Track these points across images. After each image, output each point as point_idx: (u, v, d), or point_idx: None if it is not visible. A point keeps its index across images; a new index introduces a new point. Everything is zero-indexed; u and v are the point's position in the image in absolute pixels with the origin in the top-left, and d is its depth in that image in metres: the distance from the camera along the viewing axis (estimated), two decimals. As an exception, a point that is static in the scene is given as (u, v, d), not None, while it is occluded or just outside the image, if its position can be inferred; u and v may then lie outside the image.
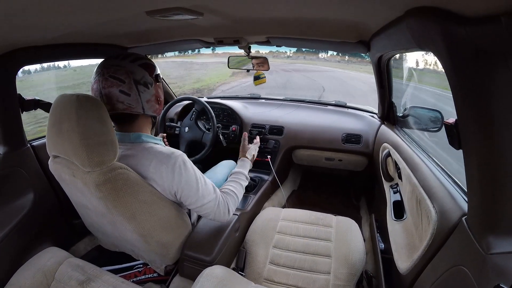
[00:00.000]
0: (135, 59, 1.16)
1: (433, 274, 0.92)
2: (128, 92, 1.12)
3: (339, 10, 1.05)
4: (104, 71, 1.12)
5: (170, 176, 1.13)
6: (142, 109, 1.17)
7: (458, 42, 0.65)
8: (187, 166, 1.17)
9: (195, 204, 1.22)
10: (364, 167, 2.28)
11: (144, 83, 1.15)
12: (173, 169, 1.12)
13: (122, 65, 1.12)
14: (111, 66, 1.12)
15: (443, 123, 1.03)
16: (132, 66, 1.13)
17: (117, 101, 1.12)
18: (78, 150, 0.95)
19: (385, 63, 1.63)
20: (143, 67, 1.16)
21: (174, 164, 1.12)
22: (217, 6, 1.03)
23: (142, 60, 1.18)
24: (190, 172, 1.18)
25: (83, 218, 1.39)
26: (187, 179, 1.16)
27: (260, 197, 2.02)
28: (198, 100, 2.22)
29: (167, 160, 1.12)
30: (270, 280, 1.42)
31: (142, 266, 1.42)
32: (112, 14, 1.00)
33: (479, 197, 0.75)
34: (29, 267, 1.18)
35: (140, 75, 1.14)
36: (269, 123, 2.41)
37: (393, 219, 1.36)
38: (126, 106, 1.14)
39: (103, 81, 1.11)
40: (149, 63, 1.20)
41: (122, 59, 1.14)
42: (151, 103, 1.20)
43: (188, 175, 1.16)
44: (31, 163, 1.51)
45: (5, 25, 0.89)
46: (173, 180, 1.14)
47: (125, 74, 1.11)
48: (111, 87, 1.11)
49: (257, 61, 2.10)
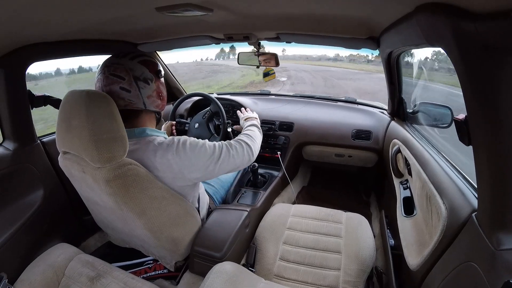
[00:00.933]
0: (134, 56, 1.19)
1: (443, 270, 0.91)
2: (128, 89, 1.15)
3: (349, 6, 1.05)
4: (105, 69, 1.15)
5: (178, 160, 1.14)
6: (144, 104, 1.19)
7: (468, 38, 0.65)
8: (190, 143, 1.19)
9: (214, 169, 1.24)
10: (374, 163, 2.27)
11: (144, 79, 1.18)
12: (178, 152, 1.14)
13: (121, 63, 1.15)
14: (111, 65, 1.15)
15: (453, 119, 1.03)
16: (131, 63, 1.16)
17: (118, 97, 1.14)
18: (88, 146, 0.96)
19: (394, 60, 1.61)
20: (142, 63, 1.18)
21: (177, 147, 1.14)
22: (226, 2, 1.03)
23: (141, 57, 1.20)
24: (193, 145, 1.19)
25: (93, 214, 1.41)
26: (196, 155, 1.18)
27: (270, 193, 2.02)
28: (208, 96, 2.21)
29: (171, 146, 1.14)
30: (280, 276, 1.43)
31: (152, 262, 1.44)
32: (122, 10, 1.01)
33: (489, 193, 0.74)
34: (39, 263, 1.20)
35: (139, 72, 1.17)
36: (279, 119, 2.41)
37: (403, 215, 1.36)
38: (127, 102, 1.16)
39: (104, 79, 1.14)
40: (148, 60, 1.22)
41: (121, 57, 1.17)
42: (152, 99, 1.22)
43: (194, 151, 1.18)
44: (41, 159, 1.52)
45: (14, 21, 0.90)
46: (183, 162, 1.15)
47: (125, 71, 1.14)
48: (112, 85, 1.13)
49: (265, 57, 2.09)
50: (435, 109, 1.49)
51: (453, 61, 0.73)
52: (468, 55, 0.67)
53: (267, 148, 2.40)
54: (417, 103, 1.71)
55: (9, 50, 1.25)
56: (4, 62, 1.27)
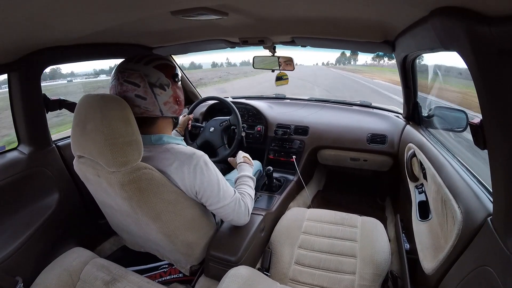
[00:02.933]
0: (149, 60, 1.14)
1: (458, 274, 0.91)
2: (144, 96, 1.12)
3: (364, 10, 1.05)
4: (119, 75, 1.11)
5: (192, 177, 1.13)
6: (160, 111, 1.17)
7: (483, 42, 0.65)
8: (209, 166, 1.18)
9: (216, 205, 1.23)
10: (389, 167, 2.26)
11: (160, 85, 1.14)
12: (194, 170, 1.12)
13: (136, 68, 1.11)
14: (125, 70, 1.11)
15: (468, 123, 1.03)
16: (146, 69, 1.12)
17: (134, 105, 1.10)
18: (103, 150, 0.95)
19: (410, 63, 1.61)
20: (158, 68, 1.14)
21: (196, 165, 1.13)
22: (241, 5, 1.04)
23: (157, 62, 1.16)
24: (211, 172, 1.18)
25: (108, 218, 1.41)
26: (209, 180, 1.17)
27: (285, 198, 2.03)
28: (224, 100, 2.22)
29: (189, 160, 1.13)
30: (295, 280, 1.43)
31: (167, 267, 1.43)
32: (137, 14, 1.02)
33: (504, 197, 0.74)
34: (55, 267, 1.20)
35: (155, 78, 1.13)
36: (294, 123, 2.42)
37: (418, 219, 1.35)
38: (143, 110, 1.14)
39: (119, 86, 1.11)
40: (164, 64, 1.18)
41: (136, 62, 1.13)
42: (169, 105, 1.19)
43: (209, 176, 1.17)
44: (56, 163, 1.53)
45: (30, 25, 0.90)
46: (195, 181, 1.14)
47: (140, 78, 1.10)
48: (126, 92, 1.10)
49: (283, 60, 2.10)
50: (450, 113, 1.48)
51: (468, 65, 0.73)
52: (483, 59, 0.67)
53: (282, 152, 2.41)
54: (432, 107, 1.71)
55: (25, 53, 1.27)
56: (19, 65, 1.29)
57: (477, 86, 0.72)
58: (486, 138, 0.77)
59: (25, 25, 0.88)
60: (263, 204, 1.85)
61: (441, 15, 0.78)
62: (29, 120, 1.41)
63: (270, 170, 1.93)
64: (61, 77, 13.63)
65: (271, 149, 2.45)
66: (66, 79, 13.73)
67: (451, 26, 0.75)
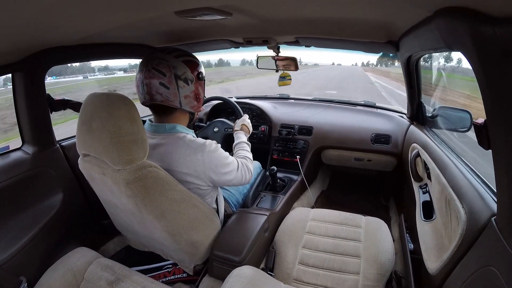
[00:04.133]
0: (179, 55, 1.21)
1: (462, 274, 0.91)
2: (167, 85, 1.17)
3: (368, 10, 1.06)
4: (148, 62, 1.17)
5: (206, 161, 1.19)
6: (180, 103, 1.22)
7: (487, 42, 0.65)
8: (218, 149, 1.25)
9: (227, 176, 1.30)
10: (393, 168, 2.26)
11: (185, 79, 1.20)
12: (208, 154, 1.19)
13: (166, 59, 1.18)
14: (155, 59, 1.17)
15: (472, 123, 1.03)
16: (175, 61, 1.18)
17: (156, 92, 1.17)
18: (109, 148, 0.96)
19: (414, 64, 1.61)
20: (186, 63, 1.21)
21: (209, 151, 1.20)
22: (246, 6, 1.04)
23: (186, 57, 1.23)
24: (221, 152, 1.26)
25: (112, 217, 1.42)
26: (219, 158, 1.24)
27: (289, 198, 2.03)
28: (228, 100, 2.20)
29: (202, 148, 1.19)
30: (299, 280, 1.43)
31: (171, 266, 1.45)
32: (141, 14, 1.02)
33: (508, 197, 0.74)
34: (59, 267, 1.21)
35: (182, 71, 1.19)
36: (298, 123, 2.43)
37: (422, 219, 1.35)
38: (164, 98, 1.19)
39: (146, 72, 1.16)
40: (193, 61, 1.25)
41: (167, 53, 1.20)
42: (189, 99, 1.24)
43: (219, 155, 1.25)
44: (60, 163, 1.54)
45: (34, 25, 0.90)
46: (210, 164, 1.21)
47: (167, 68, 1.16)
48: (152, 78, 1.16)
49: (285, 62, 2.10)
50: (454, 113, 1.48)
51: (472, 65, 0.73)
52: (487, 59, 0.67)
53: (286, 152, 2.41)
54: (436, 107, 1.70)
55: (29, 53, 1.27)
56: (23, 65, 1.29)
57: (481, 86, 0.71)
58: (490, 138, 0.77)
59: (29, 25, 0.88)
60: (267, 204, 1.86)
61: (445, 15, 0.77)
62: (33, 120, 1.42)
63: (274, 170, 1.93)
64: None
65: (275, 149, 2.45)
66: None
67: (455, 26, 0.75)
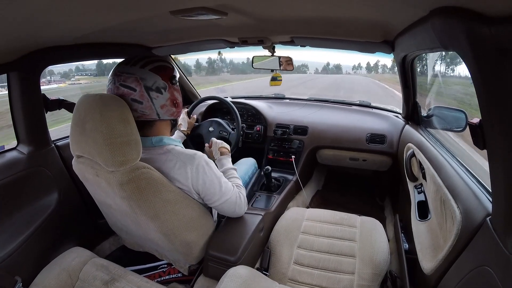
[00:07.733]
0: (146, 63, 1.13)
1: (457, 274, 0.91)
2: (140, 100, 1.11)
3: (364, 10, 1.05)
4: (115, 79, 1.11)
5: (195, 176, 1.16)
6: (157, 115, 1.17)
7: (483, 42, 0.65)
8: (210, 166, 1.21)
9: (219, 201, 1.26)
10: (388, 167, 2.26)
11: (157, 89, 1.13)
12: (197, 170, 1.15)
13: (131, 72, 1.10)
14: (121, 74, 1.10)
15: (467, 123, 1.03)
16: (142, 72, 1.11)
17: (131, 109, 1.08)
18: (102, 149, 0.96)
19: (409, 63, 1.61)
20: (154, 71, 1.13)
21: (198, 165, 1.16)
22: (241, 5, 1.04)
23: (154, 64, 1.15)
24: (213, 171, 1.21)
25: (107, 218, 1.41)
26: (211, 179, 1.20)
27: (284, 197, 2.03)
28: (224, 100, 2.21)
29: (191, 161, 1.15)
30: (294, 280, 1.43)
31: (166, 266, 1.44)
32: (136, 14, 1.01)
33: (503, 197, 0.74)
34: (54, 267, 1.20)
35: (151, 81, 1.12)
36: (293, 123, 2.42)
37: (417, 219, 1.35)
38: (140, 114, 1.13)
39: (115, 90, 1.11)
40: (161, 66, 1.17)
41: (132, 65, 1.12)
42: (166, 108, 1.18)
43: (211, 175, 1.20)
44: (55, 162, 1.53)
45: (30, 24, 0.89)
46: (198, 180, 1.17)
47: (136, 82, 1.10)
48: (123, 96, 1.09)
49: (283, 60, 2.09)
50: (449, 113, 1.48)
51: (468, 65, 0.73)
52: (483, 59, 0.67)
53: (281, 152, 2.40)
54: (432, 107, 1.71)
55: (24, 53, 1.26)
56: (19, 65, 1.28)
57: (477, 86, 0.71)
58: (486, 138, 0.77)
59: (24, 24, 0.87)
60: (262, 204, 1.85)
61: (441, 15, 0.77)
62: (28, 119, 1.41)
63: (269, 170, 1.93)
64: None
65: (270, 149, 2.44)
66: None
67: (451, 26, 0.75)
